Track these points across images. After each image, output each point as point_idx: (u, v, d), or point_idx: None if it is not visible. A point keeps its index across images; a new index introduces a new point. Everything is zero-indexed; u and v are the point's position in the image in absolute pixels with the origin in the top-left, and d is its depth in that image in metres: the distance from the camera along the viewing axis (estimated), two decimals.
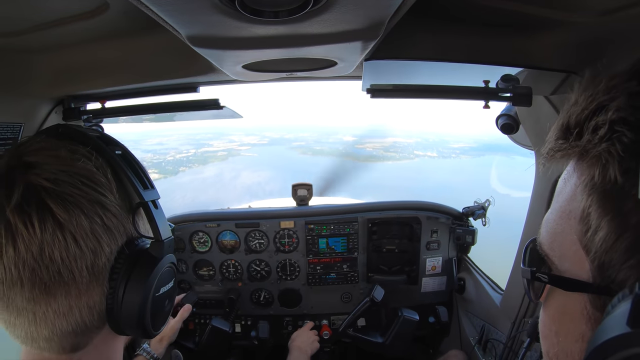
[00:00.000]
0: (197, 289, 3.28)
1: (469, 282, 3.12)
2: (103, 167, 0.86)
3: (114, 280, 0.84)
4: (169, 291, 0.98)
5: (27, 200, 0.74)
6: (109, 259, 0.83)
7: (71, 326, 0.81)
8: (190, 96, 2.06)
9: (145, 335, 0.93)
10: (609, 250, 0.60)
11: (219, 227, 3.19)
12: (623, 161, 0.59)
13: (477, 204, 3.08)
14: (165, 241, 0.94)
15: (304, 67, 1.70)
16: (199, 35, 1.16)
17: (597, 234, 0.62)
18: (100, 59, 1.73)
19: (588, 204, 0.64)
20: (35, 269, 0.75)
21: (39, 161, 0.79)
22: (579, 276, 0.67)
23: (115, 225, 0.84)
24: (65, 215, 0.76)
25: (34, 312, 0.78)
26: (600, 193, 0.62)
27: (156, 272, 0.90)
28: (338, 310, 3.34)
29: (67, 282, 0.77)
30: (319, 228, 3.18)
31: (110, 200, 0.83)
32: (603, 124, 0.62)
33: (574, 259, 0.68)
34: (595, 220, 0.62)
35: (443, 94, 1.90)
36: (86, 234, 0.78)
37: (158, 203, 0.96)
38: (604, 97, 0.64)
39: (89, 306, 0.82)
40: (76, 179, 0.79)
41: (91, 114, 2.11)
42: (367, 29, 1.14)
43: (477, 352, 2.80)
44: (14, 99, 1.74)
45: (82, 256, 0.78)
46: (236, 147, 43.13)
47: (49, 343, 0.83)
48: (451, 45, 1.60)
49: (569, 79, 1.61)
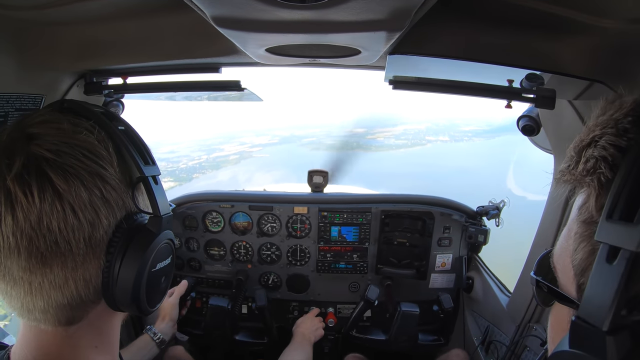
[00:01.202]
0: (206, 268, 3.32)
1: (477, 282, 3.10)
2: (105, 140, 0.87)
3: (110, 254, 0.85)
4: (166, 268, 0.99)
5: (28, 170, 0.75)
6: (107, 232, 0.84)
7: (66, 299, 0.82)
8: (212, 76, 2.06)
9: (141, 311, 0.93)
10: (584, 271, 0.67)
11: (233, 208, 3.20)
12: (599, 198, 0.66)
13: (492, 204, 3.04)
14: (163, 217, 0.94)
15: (327, 53, 1.68)
16: (224, 16, 1.16)
17: (577, 254, 0.69)
18: (124, 35, 1.74)
19: (576, 227, 0.71)
20: (32, 238, 0.76)
21: (41, 133, 0.80)
22: (569, 292, 0.74)
23: (114, 198, 0.85)
24: (64, 186, 0.77)
25: (30, 282, 0.79)
26: (582, 220, 0.69)
27: (153, 247, 0.91)
28: (345, 299, 3.35)
29: (63, 252, 0.78)
30: (332, 216, 3.18)
31: (110, 173, 0.84)
32: (591, 158, 0.67)
33: (569, 275, 0.73)
34: (577, 242, 0.70)
35: (465, 91, 1.87)
36: (85, 206, 0.79)
37: (158, 179, 0.96)
38: (597, 132, 0.68)
39: (84, 279, 0.83)
40: (77, 150, 0.80)
41: (112, 89, 2.13)
42: (392, 19, 1.13)
43: (479, 352, 2.79)
44: (37, 71, 1.76)
45: (79, 227, 0.79)
46: (247, 149, 43.20)
47: (45, 315, 0.84)
48: (477, 44, 1.58)
49: (593, 86, 1.58)
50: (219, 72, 2.02)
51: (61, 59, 1.78)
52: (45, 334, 0.87)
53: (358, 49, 1.52)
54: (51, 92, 1.87)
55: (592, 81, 1.55)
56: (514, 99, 1.81)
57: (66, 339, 0.89)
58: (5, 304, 0.85)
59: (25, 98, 1.71)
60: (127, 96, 2.34)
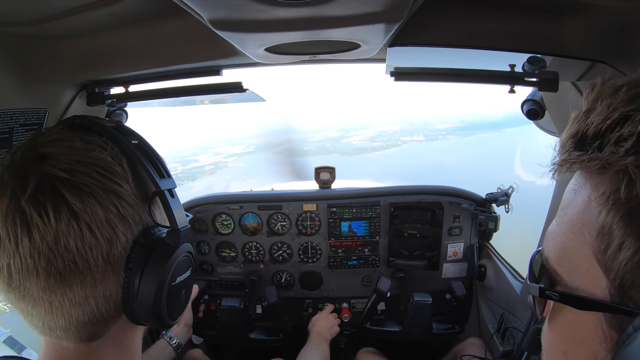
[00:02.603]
0: (219, 271, 3.33)
1: (490, 270, 3.09)
2: (118, 156, 0.87)
3: (129, 269, 0.85)
4: (186, 280, 0.98)
5: (42, 191, 0.75)
6: (125, 248, 0.84)
7: (87, 316, 0.82)
8: (213, 79, 2.07)
9: (162, 325, 0.93)
10: (634, 270, 0.57)
11: (242, 210, 3.21)
12: None
13: (501, 190, 3.03)
14: (181, 230, 0.93)
15: (327, 49, 1.68)
16: (222, 18, 1.16)
17: (620, 251, 0.59)
18: (123, 43, 1.75)
19: (609, 220, 0.60)
20: (50, 259, 0.76)
21: (54, 152, 0.80)
22: (593, 294, 0.64)
23: (130, 214, 0.84)
24: (80, 205, 0.76)
25: (50, 301, 0.79)
26: (626, 209, 0.58)
27: (172, 261, 0.90)
28: (358, 293, 3.35)
29: (82, 271, 0.78)
30: (341, 211, 3.18)
31: (125, 189, 0.84)
32: (630, 135, 0.58)
33: (588, 276, 0.65)
34: (618, 238, 0.59)
35: (468, 78, 1.87)
36: (101, 223, 0.79)
37: (174, 192, 0.96)
38: (628, 107, 0.61)
39: (104, 296, 0.83)
40: (91, 168, 0.80)
41: (115, 98, 2.14)
42: (390, 10, 1.12)
43: (495, 340, 2.78)
44: (39, 85, 1.77)
45: (97, 245, 0.79)
46: (222, 159, 43.06)
47: (66, 332, 0.84)
48: (476, 32, 1.57)
49: (595, 66, 1.56)
50: (220, 75, 2.02)
51: (62, 71, 1.79)
52: (68, 350, 0.88)
53: (357, 43, 1.52)
54: (54, 105, 1.88)
55: (594, 61, 1.54)
56: (517, 84, 1.80)
57: (88, 355, 0.89)
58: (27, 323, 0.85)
59: (29, 113, 1.72)
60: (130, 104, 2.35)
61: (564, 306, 0.69)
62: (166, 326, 0.95)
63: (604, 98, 0.65)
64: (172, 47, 1.78)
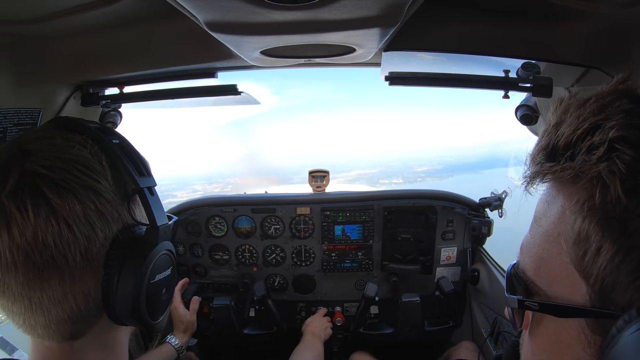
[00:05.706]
0: (212, 273, 3.33)
1: (483, 274, 3.10)
2: (98, 154, 0.87)
3: (108, 267, 0.85)
4: (166, 279, 0.97)
5: (22, 186, 0.76)
6: (104, 245, 0.84)
7: (67, 313, 0.82)
8: (208, 82, 2.07)
9: (143, 324, 0.93)
10: (614, 272, 0.59)
11: (235, 212, 3.21)
12: (626, 180, 0.58)
13: (494, 194, 3.04)
14: (160, 227, 0.93)
15: (322, 53, 1.69)
16: (217, 20, 1.16)
17: (599, 256, 0.60)
18: (118, 45, 1.75)
19: (586, 226, 0.62)
20: (29, 254, 0.76)
21: (36, 149, 0.80)
22: (573, 301, 0.65)
23: (109, 211, 0.84)
24: (58, 201, 0.76)
25: (30, 297, 0.79)
26: (602, 214, 0.60)
27: (150, 258, 0.90)
28: (352, 297, 3.34)
29: (60, 267, 0.78)
30: (335, 215, 3.18)
31: (104, 186, 0.84)
32: (601, 143, 0.60)
33: (567, 283, 0.66)
34: (596, 242, 0.60)
35: (463, 83, 1.88)
36: (79, 220, 0.79)
37: (154, 190, 0.95)
38: (598, 117, 0.63)
39: (83, 293, 0.83)
40: (70, 165, 0.80)
41: (109, 99, 2.13)
42: (385, 15, 1.13)
43: (488, 344, 2.78)
44: (33, 85, 1.76)
45: (75, 241, 0.78)
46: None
47: (47, 331, 0.84)
48: (471, 37, 1.58)
49: (589, 72, 1.58)
50: (215, 77, 2.02)
51: (57, 71, 1.79)
52: (51, 350, 0.87)
53: (353, 47, 1.52)
54: (48, 105, 1.87)
55: (587, 67, 1.55)
56: (511, 89, 1.81)
57: (72, 354, 0.88)
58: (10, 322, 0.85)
59: (23, 113, 1.71)
60: (125, 106, 2.34)
61: (545, 316, 0.71)
62: (147, 325, 0.94)
63: (573, 110, 0.67)
64: (167, 48, 1.78)
